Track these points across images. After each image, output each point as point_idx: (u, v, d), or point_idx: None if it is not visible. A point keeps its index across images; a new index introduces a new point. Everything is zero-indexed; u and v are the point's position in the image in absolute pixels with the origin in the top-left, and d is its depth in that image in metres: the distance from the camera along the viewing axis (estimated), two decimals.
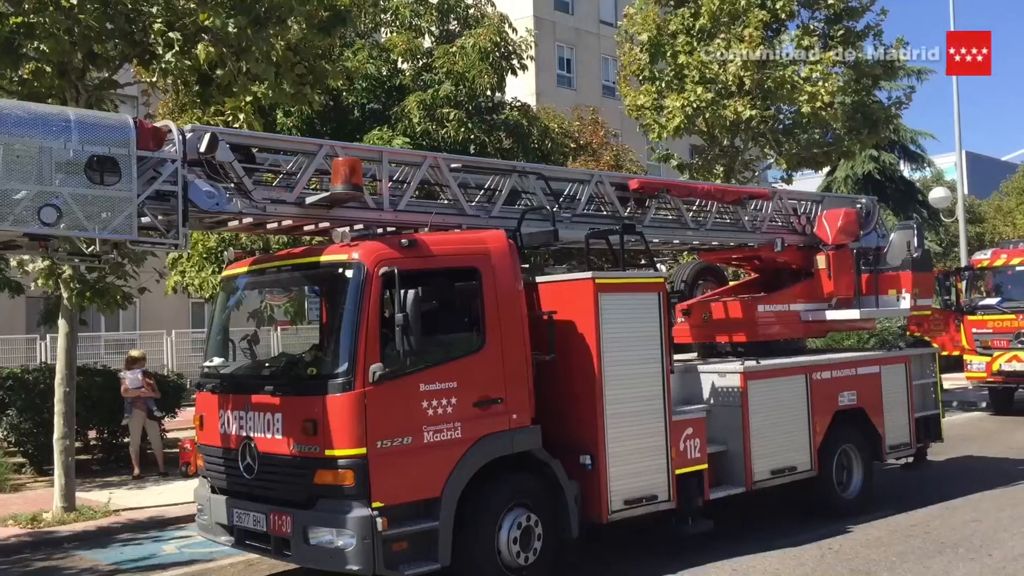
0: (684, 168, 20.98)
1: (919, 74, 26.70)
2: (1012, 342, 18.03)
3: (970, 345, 18.82)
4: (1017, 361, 17.89)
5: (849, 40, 18.82)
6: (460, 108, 17.66)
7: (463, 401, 7.27)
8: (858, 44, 19.04)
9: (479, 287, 7.56)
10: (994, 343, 18.33)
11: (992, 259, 19.44)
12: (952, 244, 34.58)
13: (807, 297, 11.32)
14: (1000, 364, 18.17)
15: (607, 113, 28.12)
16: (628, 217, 9.70)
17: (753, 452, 9.30)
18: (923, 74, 27.35)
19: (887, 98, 21.37)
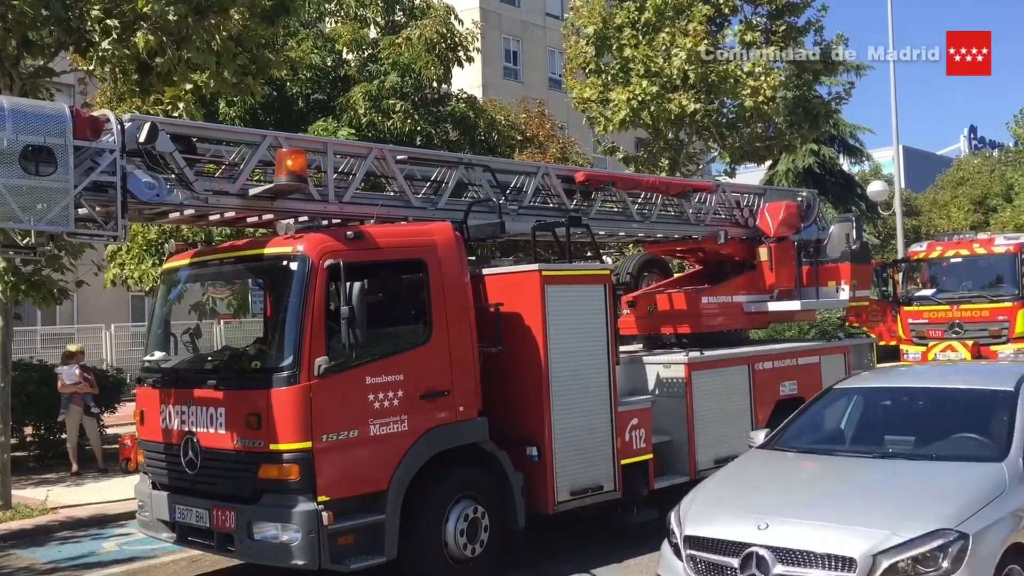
0: (630, 161, 21.15)
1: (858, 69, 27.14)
2: (947, 332, 18.51)
3: (907, 335, 19.27)
4: (952, 351, 18.37)
5: (791, 36, 19.12)
6: (406, 99, 17.57)
7: (409, 394, 7.26)
8: (799, 40, 19.37)
9: (426, 279, 7.55)
10: (930, 333, 18.80)
11: (928, 251, 19.91)
12: (890, 236, 35.42)
13: (749, 289, 11.49)
14: (935, 354, 18.63)
15: (554, 106, 28.22)
16: (574, 209, 9.75)
17: (697, 441, 9.44)
18: (862, 69, 27.84)
19: (827, 93, 21.78)
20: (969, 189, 48.58)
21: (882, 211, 31.24)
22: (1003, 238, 19.50)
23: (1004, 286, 18.20)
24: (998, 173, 47.63)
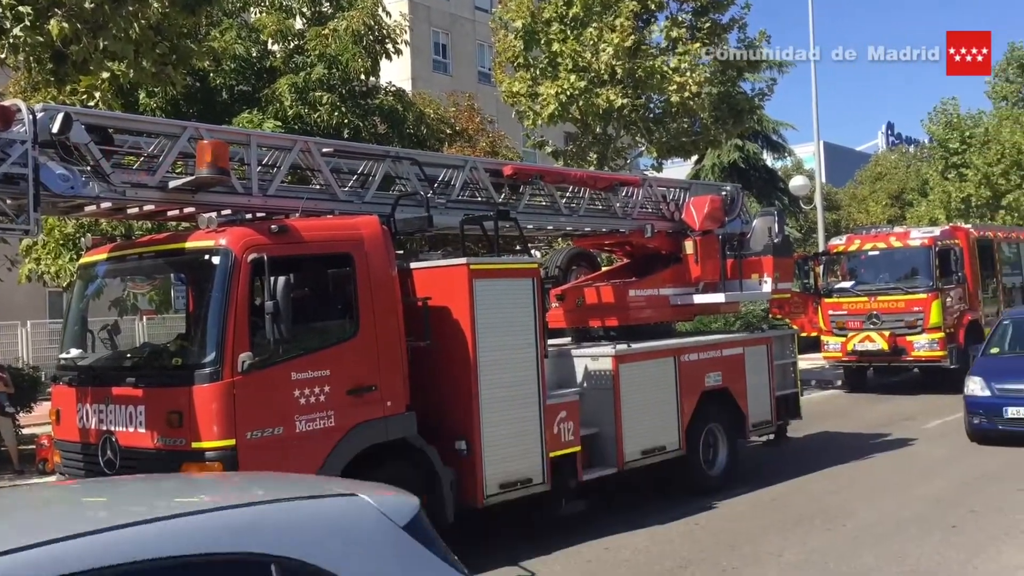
0: (558, 155, 21.29)
1: (780, 67, 27.74)
2: (865, 323, 19.05)
3: (827, 326, 19.77)
4: (869, 341, 18.92)
5: (715, 33, 19.44)
6: (333, 92, 17.33)
7: (336, 389, 7.18)
8: (723, 36, 19.70)
9: (352, 274, 7.47)
10: (849, 324, 19.33)
11: (847, 244, 20.45)
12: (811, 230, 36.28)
13: (676, 282, 11.66)
14: (854, 344, 19.18)
15: (483, 99, 28.18)
16: (502, 203, 9.76)
17: (625, 433, 9.54)
18: (784, 67, 28.44)
19: (751, 89, 22.22)
20: (886, 184, 50.10)
21: (804, 205, 31.98)
22: (918, 232, 20.15)
23: (919, 278, 18.80)
24: (914, 168, 49.21)
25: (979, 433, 12.61)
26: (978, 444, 12.59)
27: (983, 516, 8.89)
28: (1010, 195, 35.48)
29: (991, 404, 12.38)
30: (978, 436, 12.66)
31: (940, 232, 19.70)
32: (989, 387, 12.52)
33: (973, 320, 19.18)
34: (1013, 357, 13.45)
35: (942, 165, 37.94)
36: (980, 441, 12.53)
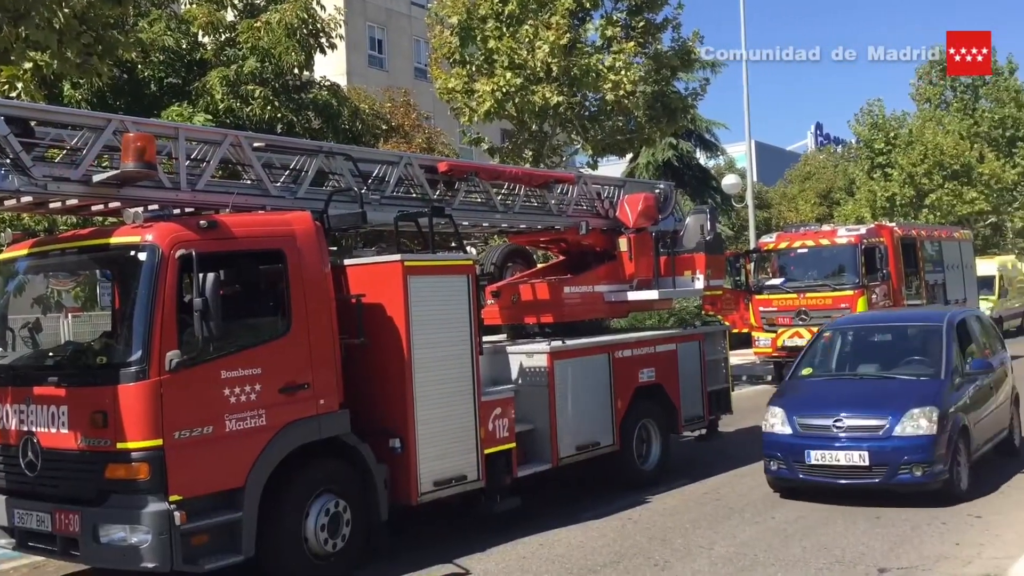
0: (495, 152, 21.29)
1: (713, 67, 28.17)
2: (794, 319, 19.45)
3: (757, 323, 20.16)
4: (799, 337, 19.29)
5: (649, 32, 19.65)
6: (266, 86, 17.06)
7: (268, 387, 7.08)
8: (657, 36, 19.92)
9: (284, 270, 7.37)
10: (779, 320, 19.72)
11: (777, 242, 20.86)
12: (743, 228, 36.91)
13: (610, 278, 11.75)
14: (784, 340, 19.57)
15: (419, 95, 28.07)
16: (437, 200, 9.72)
17: (559, 429, 9.59)
18: (717, 67, 28.90)
19: (684, 89, 22.51)
20: (815, 183, 51.24)
21: (736, 203, 32.55)
22: (845, 230, 20.65)
23: (846, 275, 19.27)
24: (841, 168, 50.38)
25: (778, 482, 9.81)
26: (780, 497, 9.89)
27: (905, 507, 9.13)
28: (933, 194, 36.59)
29: (791, 445, 9.46)
30: (778, 486, 9.85)
31: (866, 231, 20.19)
32: (790, 422, 9.57)
33: None
34: (829, 381, 10.59)
35: (868, 165, 38.95)
36: (782, 492, 9.79)
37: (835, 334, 11.39)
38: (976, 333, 11.09)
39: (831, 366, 10.95)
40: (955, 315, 11.00)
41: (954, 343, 10.16)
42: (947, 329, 10.32)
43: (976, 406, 10.04)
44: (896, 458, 9.04)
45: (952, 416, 9.33)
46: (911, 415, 9.12)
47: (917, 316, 12.49)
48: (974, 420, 9.82)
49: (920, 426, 9.05)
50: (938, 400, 9.30)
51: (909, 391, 9.63)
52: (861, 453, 9.14)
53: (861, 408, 9.52)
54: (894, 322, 12.04)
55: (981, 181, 37.83)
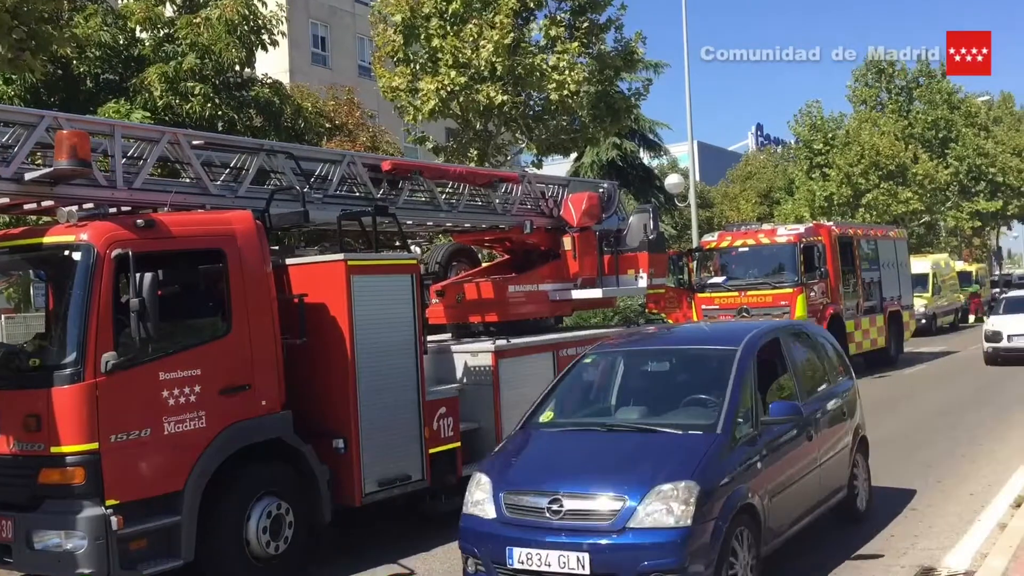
0: (439, 151, 21.24)
1: (656, 67, 28.48)
2: (736, 317, 19.71)
3: (700, 320, 20.40)
4: None
5: (593, 32, 19.77)
6: (206, 83, 16.80)
7: (208, 389, 6.98)
8: (600, 36, 20.07)
9: (224, 270, 7.27)
10: (720, 318, 19.96)
11: (719, 241, 21.17)
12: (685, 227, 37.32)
13: (554, 277, 11.80)
14: None
15: (363, 94, 27.88)
16: (381, 198, 9.67)
17: (504, 428, 9.58)
18: (659, 67, 29.21)
19: (627, 89, 22.70)
20: (756, 183, 52.09)
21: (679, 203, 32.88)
22: (785, 229, 21.01)
23: (785, 273, 19.61)
24: (781, 168, 51.32)
25: None
26: None
27: None
28: (869, 194, 37.41)
29: (492, 537, 6.23)
30: None
31: (804, 229, 20.58)
32: (495, 500, 6.35)
33: (835, 313, 20.13)
34: (565, 434, 7.16)
35: (807, 165, 39.69)
36: None
37: (597, 360, 8.06)
38: (795, 359, 7.85)
39: (581, 409, 7.65)
40: (760, 334, 7.58)
41: (747, 378, 6.89)
42: (741, 357, 7.01)
43: (776, 471, 6.76)
44: (630, 565, 5.75)
45: (723, 492, 6.04)
46: (658, 493, 5.85)
47: (711, 336, 8.77)
48: (769, 492, 6.56)
49: (669, 511, 5.79)
50: (700, 469, 6.01)
51: (665, 454, 6.31)
52: (580, 556, 5.80)
53: (592, 480, 6.18)
54: (678, 344, 8.44)
55: (915, 181, 38.82)
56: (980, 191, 50.56)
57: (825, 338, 9.19)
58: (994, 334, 21.57)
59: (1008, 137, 53.75)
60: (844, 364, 9.04)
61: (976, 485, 9.74)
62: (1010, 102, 57.37)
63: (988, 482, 9.85)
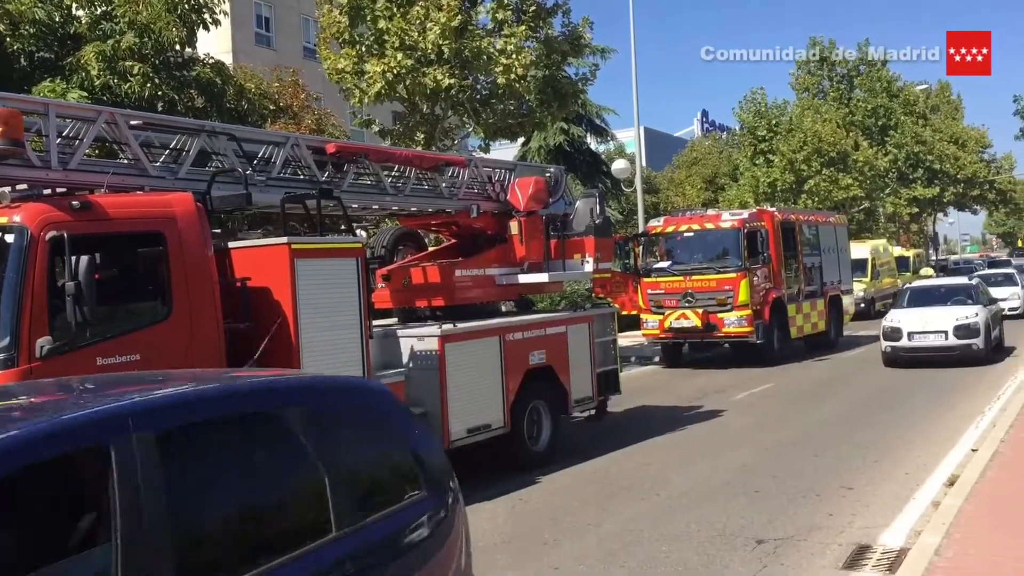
0: (386, 134, 21.07)
1: (603, 53, 28.55)
2: (681, 301, 19.98)
3: (646, 305, 20.61)
4: (685, 319, 19.87)
5: (540, 16, 19.73)
6: (145, 62, 16.38)
7: None
8: (548, 21, 20.04)
9: (164, 253, 7.14)
10: (666, 303, 20.22)
11: (664, 226, 21.37)
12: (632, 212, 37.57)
13: (501, 262, 11.82)
14: (671, 321, 20.09)
15: (308, 75, 27.45)
16: (326, 181, 9.57)
17: (451, 412, 9.61)
18: (606, 53, 29.29)
19: (575, 74, 22.73)
20: (701, 169, 52.57)
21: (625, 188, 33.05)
22: (729, 214, 21.28)
23: (729, 258, 19.89)
24: (726, 154, 51.88)
25: None
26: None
27: (783, 481, 9.53)
28: (811, 180, 37.98)
29: None
30: None
31: (748, 215, 20.87)
32: None
33: (777, 298, 20.49)
34: None
35: (751, 151, 40.15)
36: None
37: None
38: None
39: None
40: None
41: None
42: None
43: None
44: None
45: None
46: None
47: None
48: None
49: None
50: None
51: None
52: None
53: None
54: None
55: (856, 168, 39.52)
56: (918, 178, 51.79)
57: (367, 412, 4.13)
58: (893, 331, 18.48)
59: (945, 125, 55.11)
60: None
61: (911, 465, 10.00)
62: (947, 91, 58.73)
63: (922, 462, 10.13)
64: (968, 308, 18.47)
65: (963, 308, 18.46)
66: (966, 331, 17.81)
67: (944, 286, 20.85)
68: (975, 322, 17.98)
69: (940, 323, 18.06)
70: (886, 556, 6.98)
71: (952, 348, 17.80)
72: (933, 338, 17.98)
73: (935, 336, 17.97)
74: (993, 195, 59.49)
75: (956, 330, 17.83)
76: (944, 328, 17.96)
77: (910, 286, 21.99)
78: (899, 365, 18.08)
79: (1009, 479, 8.59)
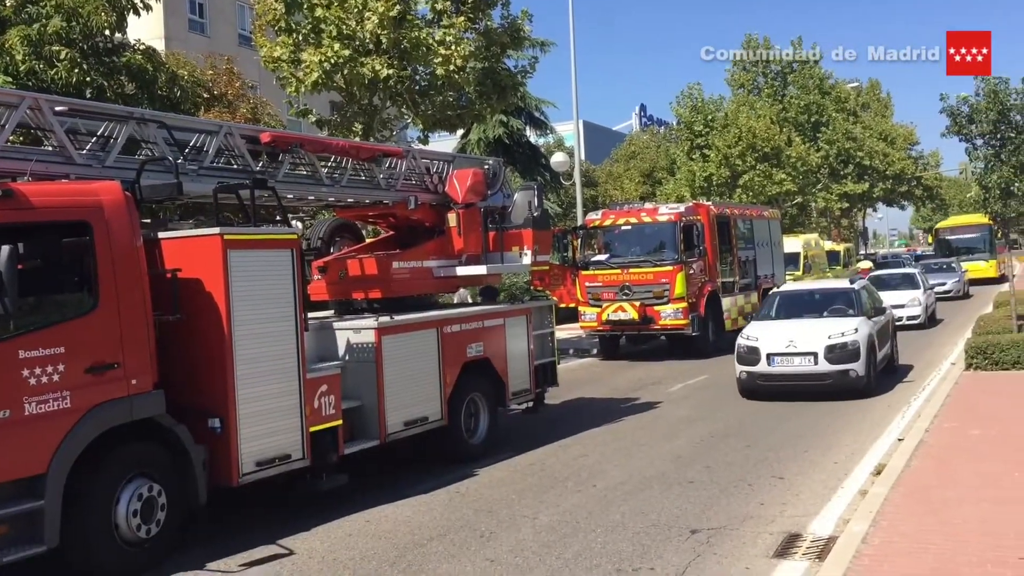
0: (323, 124, 20.81)
1: (542, 46, 28.58)
2: (618, 294, 20.14)
3: (584, 297, 20.75)
4: (622, 311, 20.03)
5: (479, 7, 19.66)
6: (73, 47, 15.91)
7: (73, 368, 6.67)
8: (487, 12, 19.98)
9: (91, 243, 6.95)
10: (604, 295, 20.36)
11: (602, 219, 21.50)
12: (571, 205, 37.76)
13: (439, 254, 11.75)
14: (608, 314, 20.24)
15: (244, 64, 26.96)
16: (260, 171, 9.41)
17: (387, 405, 9.54)
18: (546, 46, 29.33)
19: (514, 66, 22.69)
20: (639, 163, 53.04)
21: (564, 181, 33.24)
22: (666, 208, 21.50)
23: (666, 251, 20.10)
24: (663, 149, 52.40)
25: None
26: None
27: (716, 471, 9.67)
28: (746, 175, 38.57)
29: None
30: None
31: (685, 209, 21.10)
32: None
33: (712, 291, 20.78)
34: None
35: (688, 146, 40.61)
36: None
37: None
38: None
39: None
40: None
41: None
42: None
43: None
44: None
45: None
46: None
47: None
48: None
49: None
50: None
51: None
52: None
53: None
54: None
55: (789, 164, 40.26)
56: (848, 174, 52.97)
57: None
58: (749, 352, 14.13)
59: (875, 122, 56.49)
60: None
61: (839, 454, 10.24)
62: (877, 89, 60.23)
63: (851, 451, 10.37)
64: (845, 322, 14.28)
65: (839, 322, 14.31)
66: (842, 353, 13.61)
67: (819, 291, 16.26)
68: (853, 341, 13.71)
69: (808, 341, 13.80)
70: (815, 544, 7.13)
71: (824, 375, 13.58)
72: (799, 361, 13.73)
73: (801, 359, 13.72)
74: (920, 191, 61.21)
75: (829, 351, 13.62)
76: (813, 349, 13.69)
77: (780, 291, 17.07)
78: (759, 397, 13.95)
79: (933, 467, 8.85)
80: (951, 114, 16.77)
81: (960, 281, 34.76)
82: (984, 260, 42.28)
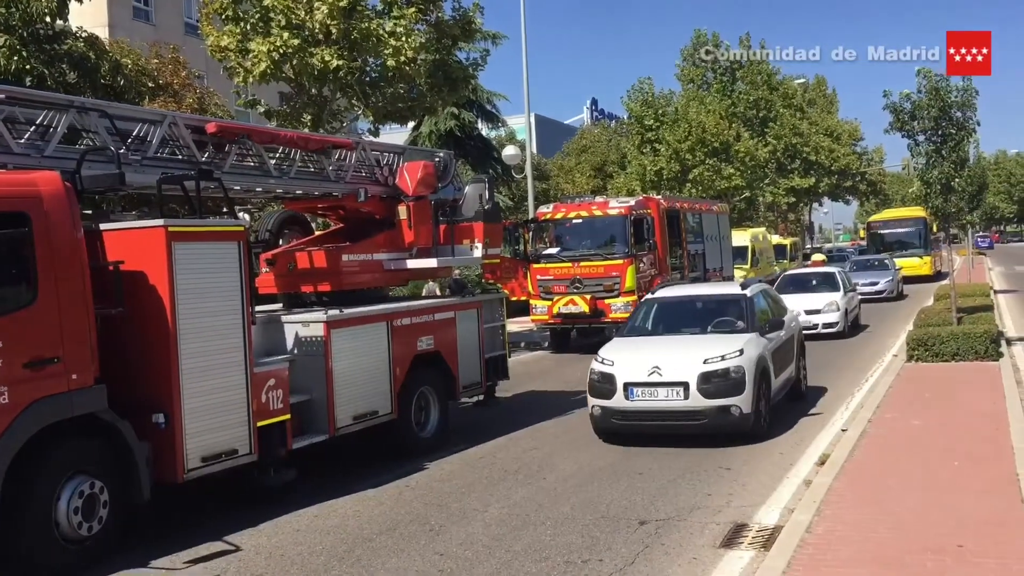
0: (272, 115, 20.52)
1: (493, 38, 28.52)
2: (569, 287, 20.21)
3: (535, 291, 20.78)
4: (573, 304, 20.10)
5: None
6: (12, 34, 15.51)
7: (10, 363, 6.52)
8: (438, 4, 19.86)
9: (29, 235, 6.79)
10: (555, 289, 20.42)
11: (554, 213, 21.55)
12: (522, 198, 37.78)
13: (390, 246, 11.68)
14: (559, 307, 20.30)
15: (190, 53, 26.46)
16: (206, 162, 9.25)
17: (336, 399, 9.47)
18: (497, 39, 29.27)
19: (465, 59, 22.60)
20: (591, 156, 53.22)
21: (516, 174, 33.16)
22: (616, 202, 21.61)
23: (616, 245, 20.21)
24: (614, 143, 52.66)
25: None
26: None
27: (664, 462, 9.75)
28: (696, 169, 38.89)
29: None
30: None
31: (635, 202, 21.25)
32: None
33: (662, 284, 20.92)
34: None
35: (638, 140, 40.81)
36: None
37: None
38: None
39: None
40: None
41: None
42: None
43: None
44: None
45: None
46: None
47: None
48: None
49: None
50: None
51: None
52: None
53: None
54: None
55: (737, 158, 40.69)
56: (795, 169, 53.75)
57: None
58: (602, 380, 10.74)
59: (821, 119, 57.39)
60: None
61: (785, 445, 10.39)
62: (823, 85, 61.17)
63: (796, 441, 10.53)
64: (728, 340, 10.96)
65: (720, 341, 10.99)
66: (721, 383, 10.29)
67: (703, 299, 12.82)
68: (736, 367, 10.36)
69: (678, 368, 10.44)
70: (761, 534, 7.24)
71: (696, 413, 10.26)
72: (665, 394, 10.38)
73: (668, 391, 10.37)
74: (864, 186, 62.39)
75: (703, 381, 10.28)
76: (682, 378, 10.34)
77: (655, 297, 13.05)
78: (619, 440, 10.72)
79: (876, 457, 9.02)
80: (894, 110, 17.05)
81: (894, 280, 31.74)
82: (919, 256, 39.66)
